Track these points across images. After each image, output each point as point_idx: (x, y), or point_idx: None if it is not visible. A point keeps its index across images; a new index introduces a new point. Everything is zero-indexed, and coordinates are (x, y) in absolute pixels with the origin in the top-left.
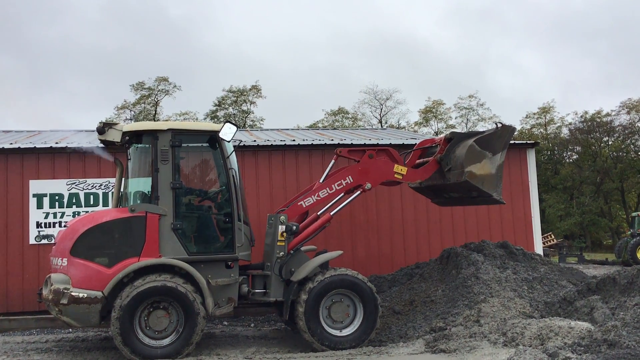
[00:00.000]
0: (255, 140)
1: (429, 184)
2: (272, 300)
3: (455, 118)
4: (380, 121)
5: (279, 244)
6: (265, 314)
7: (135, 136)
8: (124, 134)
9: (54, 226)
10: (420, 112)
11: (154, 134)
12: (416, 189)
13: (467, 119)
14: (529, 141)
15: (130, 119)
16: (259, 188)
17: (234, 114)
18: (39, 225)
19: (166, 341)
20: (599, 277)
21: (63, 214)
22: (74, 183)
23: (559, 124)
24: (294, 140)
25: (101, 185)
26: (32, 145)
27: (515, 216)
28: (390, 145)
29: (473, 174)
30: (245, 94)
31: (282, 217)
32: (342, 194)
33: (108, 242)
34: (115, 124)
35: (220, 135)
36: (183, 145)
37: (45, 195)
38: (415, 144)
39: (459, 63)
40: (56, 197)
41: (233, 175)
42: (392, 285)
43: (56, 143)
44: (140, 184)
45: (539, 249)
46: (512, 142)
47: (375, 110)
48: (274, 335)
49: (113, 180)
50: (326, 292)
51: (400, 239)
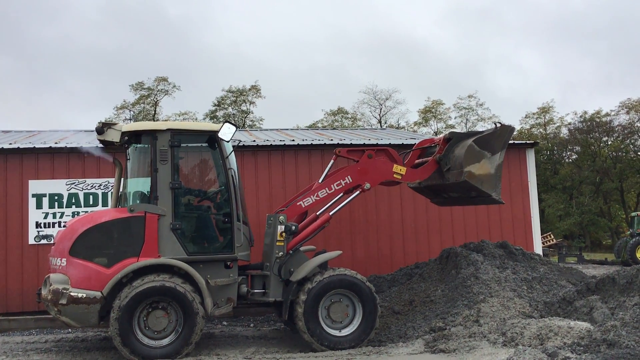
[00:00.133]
0: (254, 141)
1: (428, 183)
2: (271, 300)
3: (455, 118)
4: (380, 121)
5: (278, 244)
6: (265, 314)
7: (134, 136)
8: (123, 134)
9: (54, 226)
10: (420, 112)
11: (153, 134)
12: (415, 188)
13: (467, 119)
14: (528, 141)
15: (130, 119)
16: (259, 188)
17: (234, 114)
18: (38, 225)
19: (165, 341)
20: (598, 277)
21: (62, 214)
22: (74, 183)
23: (558, 124)
24: (294, 140)
25: (100, 185)
26: (32, 146)
27: (515, 216)
28: (390, 145)
29: (472, 174)
30: (244, 94)
31: (281, 217)
32: (341, 194)
33: (107, 242)
34: (114, 124)
35: (220, 135)
36: (182, 145)
37: (44, 195)
38: (415, 144)
39: (458, 63)
40: (55, 197)
41: (232, 176)
42: (392, 285)
43: (55, 143)
44: (139, 184)
45: (538, 249)
46: (512, 142)
47: (375, 110)
48: (274, 336)
49: (112, 180)
50: (325, 293)
51: (399, 239)
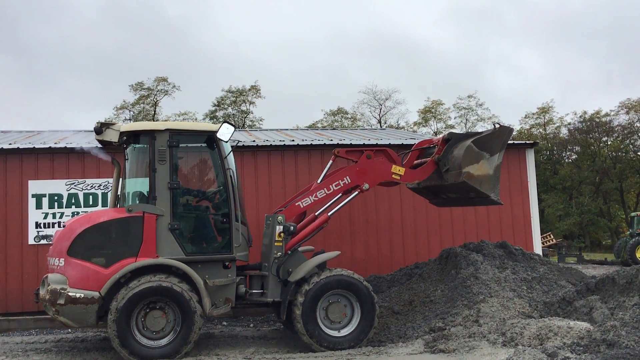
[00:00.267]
0: (254, 141)
1: (426, 184)
2: (270, 300)
3: (455, 118)
4: (380, 121)
5: (276, 244)
6: (265, 314)
7: (132, 136)
8: (122, 134)
9: (53, 226)
10: (420, 112)
11: (151, 134)
12: (414, 189)
13: (467, 119)
14: (528, 141)
15: (130, 119)
16: (258, 188)
17: (233, 114)
18: (38, 225)
19: (164, 341)
20: (598, 277)
21: (62, 214)
22: (73, 183)
23: (558, 124)
24: (293, 140)
25: (100, 185)
26: (31, 146)
27: (515, 216)
28: (390, 145)
29: (471, 175)
30: (244, 94)
31: (280, 218)
32: (340, 195)
33: (105, 243)
34: (113, 124)
35: (218, 135)
36: (180, 145)
37: (44, 195)
38: (414, 144)
39: (457, 63)
40: (55, 198)
41: (231, 176)
42: (392, 285)
43: (55, 143)
44: (137, 184)
45: (538, 249)
46: (512, 142)
47: (375, 111)
48: (273, 336)
49: (112, 180)
50: (322, 294)
51: (399, 239)
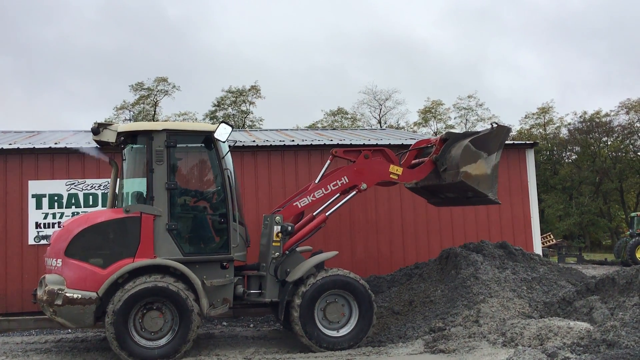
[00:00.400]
0: (254, 141)
1: (424, 184)
2: (268, 300)
3: (455, 118)
4: (380, 121)
5: (274, 244)
6: (265, 315)
7: (130, 137)
8: (119, 134)
9: (53, 226)
10: (420, 113)
11: (148, 134)
12: (412, 189)
13: (466, 119)
14: (528, 141)
15: (130, 119)
16: (258, 188)
17: (233, 114)
18: (38, 225)
19: (163, 341)
20: (598, 277)
21: (62, 215)
22: (73, 183)
23: (558, 124)
24: (293, 140)
25: (100, 185)
26: (31, 146)
27: (515, 216)
28: (389, 145)
29: (468, 174)
30: (244, 94)
31: (278, 218)
32: (338, 195)
33: (103, 243)
34: (110, 124)
35: (215, 135)
36: (178, 145)
37: (44, 195)
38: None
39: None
40: (55, 198)
41: (228, 176)
42: (392, 285)
43: (55, 144)
44: (135, 185)
45: (538, 249)
46: (512, 143)
47: (375, 111)
48: (273, 336)
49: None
50: (319, 295)
51: (399, 240)
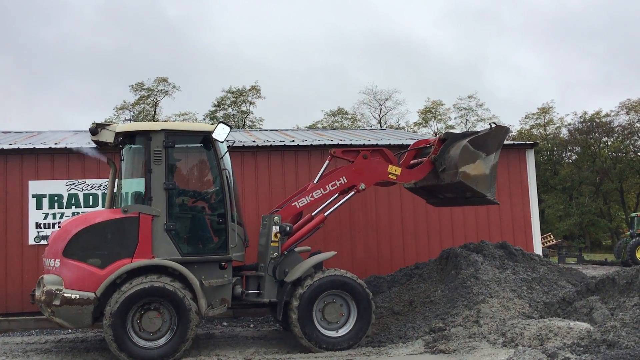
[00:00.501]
0: (254, 141)
1: (423, 184)
2: (266, 301)
3: (455, 119)
4: (380, 122)
5: (272, 244)
6: (265, 315)
7: (128, 137)
8: (117, 134)
9: (54, 227)
10: (420, 113)
11: (147, 134)
12: (411, 189)
13: (467, 120)
14: (528, 141)
15: (130, 120)
16: (258, 189)
17: (233, 114)
18: (38, 225)
19: (162, 341)
20: (598, 278)
21: (62, 215)
22: (73, 184)
23: (558, 125)
24: (293, 140)
25: (100, 185)
26: (32, 146)
27: (515, 217)
28: (389, 145)
29: (467, 175)
30: (244, 94)
31: (276, 218)
32: (337, 195)
33: (101, 243)
34: (108, 125)
35: (214, 135)
36: (176, 145)
37: (44, 195)
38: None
39: (457, 63)
40: (55, 198)
41: (227, 176)
42: (392, 285)
43: (55, 144)
44: (133, 185)
45: (538, 249)
46: (512, 143)
47: (375, 111)
48: (274, 336)
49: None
50: (317, 295)
51: (399, 240)
